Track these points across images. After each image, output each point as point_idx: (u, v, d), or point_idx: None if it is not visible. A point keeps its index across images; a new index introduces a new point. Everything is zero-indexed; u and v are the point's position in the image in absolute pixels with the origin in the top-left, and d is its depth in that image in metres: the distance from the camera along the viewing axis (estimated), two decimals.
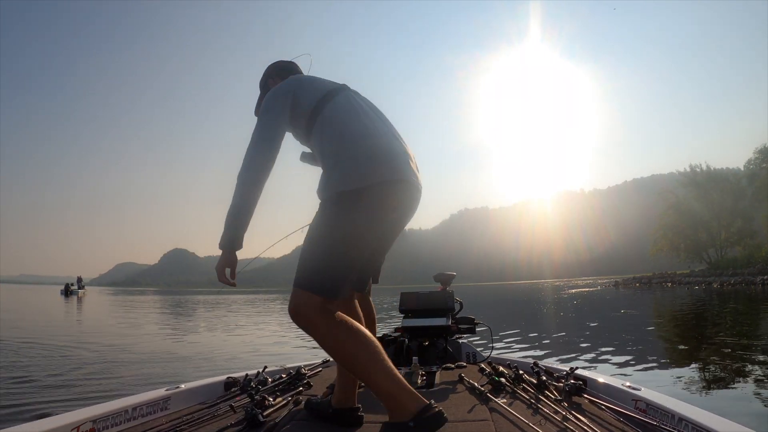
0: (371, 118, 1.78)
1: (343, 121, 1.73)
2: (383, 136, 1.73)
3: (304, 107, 1.78)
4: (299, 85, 1.85)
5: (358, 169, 1.61)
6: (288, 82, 1.87)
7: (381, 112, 1.90)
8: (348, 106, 1.80)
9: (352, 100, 1.84)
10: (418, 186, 1.75)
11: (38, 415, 3.65)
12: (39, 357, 6.71)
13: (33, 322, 14.05)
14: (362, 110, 1.80)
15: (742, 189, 45.93)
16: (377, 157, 1.65)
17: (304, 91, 1.81)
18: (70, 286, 41.94)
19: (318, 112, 1.75)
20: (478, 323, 3.60)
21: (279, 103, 1.78)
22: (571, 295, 30.29)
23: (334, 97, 1.81)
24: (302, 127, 1.81)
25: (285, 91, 1.81)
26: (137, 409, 2.00)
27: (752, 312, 13.99)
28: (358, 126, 1.72)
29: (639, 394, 2.01)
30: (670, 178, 60.29)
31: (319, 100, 1.77)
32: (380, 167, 1.63)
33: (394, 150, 1.70)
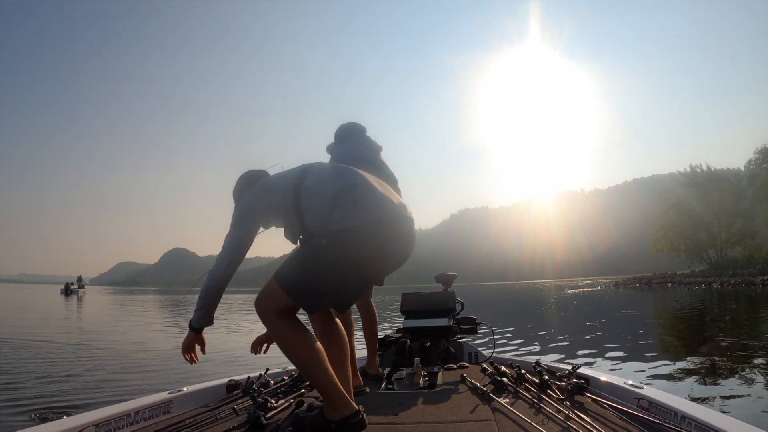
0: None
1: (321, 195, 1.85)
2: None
3: (281, 197, 1.90)
4: (269, 183, 1.99)
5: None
6: (254, 193, 1.97)
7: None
8: (325, 171, 1.98)
9: (324, 165, 2.05)
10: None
11: (40, 419, 3.65)
12: (40, 360, 6.69)
13: (33, 323, 14.06)
14: (339, 167, 2.02)
15: (742, 189, 45.88)
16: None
17: (276, 185, 1.95)
18: (70, 286, 41.99)
19: (299, 192, 1.86)
20: (480, 323, 3.60)
21: (248, 217, 1.93)
22: (571, 295, 30.28)
23: (308, 172, 1.94)
24: (286, 214, 1.90)
25: (256, 198, 1.95)
26: (140, 413, 1.99)
27: (753, 312, 13.99)
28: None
29: (642, 393, 2.01)
30: (671, 179, 60.25)
31: (295, 183, 1.90)
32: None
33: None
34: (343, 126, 3.14)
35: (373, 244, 1.78)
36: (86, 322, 15.41)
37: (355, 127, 3.13)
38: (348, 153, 2.95)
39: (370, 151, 3.01)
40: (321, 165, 2.06)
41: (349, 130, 3.10)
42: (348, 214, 1.76)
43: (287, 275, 1.79)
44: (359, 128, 3.12)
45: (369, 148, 3.04)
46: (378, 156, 3.04)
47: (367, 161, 2.91)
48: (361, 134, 3.10)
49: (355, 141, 3.04)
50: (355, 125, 3.13)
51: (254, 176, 2.15)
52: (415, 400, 2.36)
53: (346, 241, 1.74)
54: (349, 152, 2.95)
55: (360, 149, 2.98)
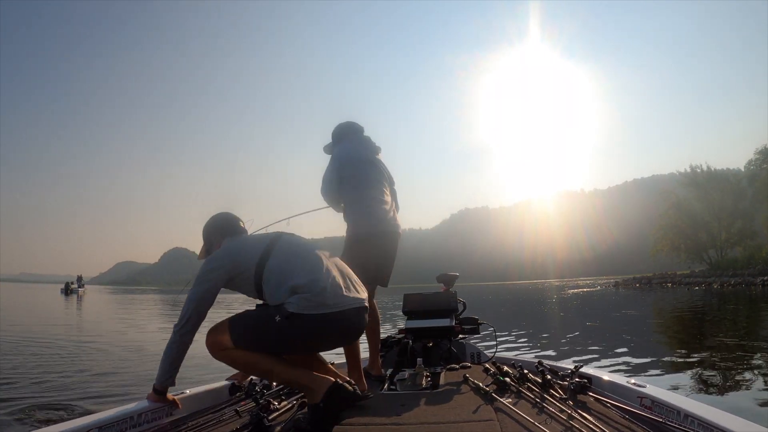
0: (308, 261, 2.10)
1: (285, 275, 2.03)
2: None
3: (245, 268, 2.06)
4: (238, 247, 2.14)
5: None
6: (222, 253, 2.13)
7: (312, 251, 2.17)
8: (290, 252, 2.11)
9: (290, 245, 2.16)
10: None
11: (43, 422, 3.64)
12: (41, 362, 6.67)
13: (34, 323, 14.06)
14: (303, 251, 2.13)
15: (742, 189, 45.85)
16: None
17: (243, 252, 2.10)
18: (70, 285, 42.01)
19: (261, 270, 2.04)
20: (482, 323, 3.61)
21: (214, 276, 2.06)
22: (571, 296, 30.30)
23: (274, 248, 2.10)
24: (247, 284, 2.09)
25: (221, 259, 2.10)
26: (143, 415, 1.99)
27: (753, 313, 13.99)
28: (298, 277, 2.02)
29: (644, 392, 2.01)
30: (671, 179, 60.19)
31: (260, 257, 2.06)
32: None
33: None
34: (340, 126, 3.12)
35: (322, 331, 2.01)
36: (87, 323, 15.42)
37: (353, 126, 3.11)
38: (347, 153, 2.95)
39: (368, 152, 3.01)
40: (287, 243, 2.16)
41: (347, 130, 3.09)
42: (303, 304, 1.94)
43: (239, 330, 2.00)
44: (357, 128, 3.11)
45: (367, 148, 3.03)
46: (376, 157, 3.04)
47: (366, 162, 2.93)
48: (359, 134, 3.09)
49: (354, 141, 3.03)
50: (352, 125, 3.12)
51: (225, 227, 2.29)
52: (418, 400, 2.37)
53: (296, 326, 1.94)
54: (348, 153, 2.95)
55: (358, 150, 2.98)
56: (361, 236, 2.78)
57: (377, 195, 2.86)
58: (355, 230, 2.80)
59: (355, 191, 2.86)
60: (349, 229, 2.82)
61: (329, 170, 2.94)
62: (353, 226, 2.82)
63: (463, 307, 3.66)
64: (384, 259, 2.85)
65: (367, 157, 2.97)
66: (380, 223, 2.80)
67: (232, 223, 2.34)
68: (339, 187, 2.89)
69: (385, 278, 2.91)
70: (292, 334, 1.97)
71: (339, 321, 2.02)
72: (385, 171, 3.04)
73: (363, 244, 2.77)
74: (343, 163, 2.91)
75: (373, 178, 2.91)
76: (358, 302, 2.08)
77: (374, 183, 2.90)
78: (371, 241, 2.78)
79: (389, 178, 3.06)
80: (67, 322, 15.11)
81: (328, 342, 2.12)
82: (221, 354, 2.01)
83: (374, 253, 2.78)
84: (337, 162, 2.92)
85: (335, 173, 2.89)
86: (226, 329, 2.00)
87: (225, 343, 1.99)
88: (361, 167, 2.91)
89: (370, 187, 2.87)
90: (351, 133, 3.08)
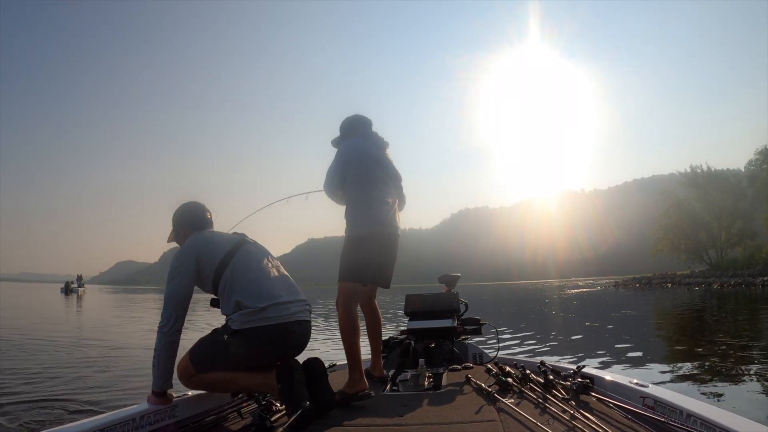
0: (263, 271, 2.26)
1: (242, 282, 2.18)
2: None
3: (206, 271, 2.20)
4: (203, 248, 2.25)
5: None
6: (189, 247, 2.26)
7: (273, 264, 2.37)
8: (244, 264, 2.23)
9: (247, 255, 2.27)
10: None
11: (45, 424, 3.63)
12: (41, 363, 6.66)
13: (34, 323, 14.06)
14: (256, 264, 2.26)
15: (742, 190, 45.80)
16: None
17: (206, 255, 2.22)
18: (70, 285, 42.00)
19: (220, 275, 2.18)
20: (484, 324, 3.61)
21: (185, 268, 2.18)
22: (572, 296, 30.31)
23: (232, 258, 2.22)
24: (206, 285, 2.25)
25: (189, 254, 2.22)
26: (145, 417, 1.99)
27: (753, 313, 14.00)
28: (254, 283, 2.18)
29: (647, 391, 2.02)
30: (671, 179, 60.14)
31: (219, 263, 2.20)
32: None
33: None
34: (348, 119, 3.05)
35: (265, 343, 2.11)
36: (87, 323, 15.42)
37: (361, 120, 3.04)
38: (355, 148, 2.89)
39: (376, 149, 2.96)
40: (244, 254, 2.28)
41: (355, 124, 3.02)
42: (243, 320, 2.08)
43: (198, 357, 2.18)
44: (365, 122, 3.05)
45: (375, 144, 2.98)
46: (383, 153, 2.99)
47: (372, 159, 2.87)
48: (367, 129, 3.02)
49: (362, 136, 2.96)
50: (360, 118, 3.05)
51: (192, 220, 2.43)
52: (420, 401, 2.38)
53: (241, 341, 2.09)
54: (356, 148, 2.89)
55: (367, 146, 2.92)
56: (362, 237, 2.73)
57: (379, 195, 2.80)
58: (355, 230, 2.75)
59: (358, 190, 2.80)
60: (349, 229, 2.77)
61: (333, 166, 2.89)
62: (354, 226, 2.76)
63: (465, 307, 3.66)
64: (384, 259, 2.82)
65: (374, 154, 2.90)
66: (380, 225, 2.76)
67: (200, 216, 2.47)
68: (342, 185, 2.84)
69: (385, 279, 2.89)
70: (240, 350, 2.10)
71: (280, 332, 2.13)
72: (391, 168, 2.98)
73: (363, 244, 2.72)
74: (348, 160, 2.84)
75: (377, 176, 2.85)
76: (300, 315, 2.22)
77: (378, 182, 2.83)
78: (372, 241, 2.73)
79: (394, 176, 2.99)
80: (66, 322, 15.12)
81: (274, 352, 2.17)
82: (190, 382, 2.21)
83: (374, 254, 2.75)
84: (342, 158, 2.86)
85: (339, 170, 2.84)
86: (188, 359, 2.18)
87: (190, 371, 2.18)
88: (365, 165, 2.83)
89: (373, 187, 2.80)
90: (359, 127, 3.01)
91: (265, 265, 2.29)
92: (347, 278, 2.69)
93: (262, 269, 2.26)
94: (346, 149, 2.88)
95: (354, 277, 2.70)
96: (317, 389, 2.11)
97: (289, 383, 2.01)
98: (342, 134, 3.04)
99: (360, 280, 2.71)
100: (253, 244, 2.40)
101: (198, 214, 2.47)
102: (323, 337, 9.68)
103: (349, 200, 2.83)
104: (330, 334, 10.05)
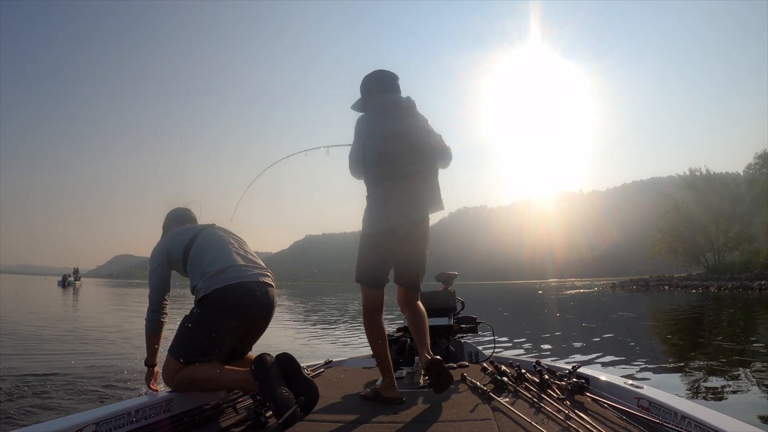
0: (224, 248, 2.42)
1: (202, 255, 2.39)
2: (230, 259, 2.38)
3: (176, 258, 2.44)
4: (170, 241, 2.49)
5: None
6: (159, 244, 2.50)
7: (238, 239, 2.56)
8: (206, 242, 2.44)
9: (210, 235, 2.49)
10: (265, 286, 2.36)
11: (40, 418, 3.63)
12: (38, 356, 6.66)
13: (32, 316, 14.04)
14: (217, 240, 2.47)
15: (741, 194, 45.83)
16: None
17: (174, 244, 2.46)
18: (67, 278, 41.91)
19: (186, 258, 2.40)
20: (480, 323, 3.62)
21: (157, 265, 2.45)
22: (569, 296, 30.35)
23: (195, 240, 2.44)
24: (180, 270, 2.49)
25: (160, 252, 2.46)
26: (140, 411, 1.98)
27: (749, 317, 14.03)
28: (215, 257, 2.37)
29: (642, 393, 2.01)
30: (670, 181, 60.25)
31: (184, 248, 2.42)
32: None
33: (236, 261, 2.37)
34: (366, 79, 2.62)
35: (230, 303, 2.23)
36: (85, 316, 15.39)
37: (381, 81, 2.58)
38: (367, 128, 2.47)
39: (395, 122, 2.47)
40: (207, 234, 2.50)
41: (372, 86, 2.59)
42: (207, 284, 2.25)
43: (177, 346, 2.23)
44: (386, 83, 2.58)
45: (394, 116, 2.49)
46: (408, 124, 2.49)
47: (391, 140, 2.43)
48: (387, 95, 2.55)
49: (378, 108, 2.51)
50: (381, 78, 2.59)
51: (172, 218, 2.75)
52: (416, 399, 2.38)
53: (208, 307, 2.24)
54: (369, 126, 2.47)
55: (383, 122, 2.47)
56: (369, 235, 2.44)
57: (393, 187, 2.40)
58: (364, 227, 2.46)
59: (368, 182, 2.47)
60: (362, 226, 2.48)
61: (353, 147, 2.52)
62: (364, 222, 2.46)
63: (461, 306, 3.67)
64: (404, 258, 2.51)
65: (394, 131, 2.45)
66: (388, 220, 2.39)
67: (180, 215, 2.78)
68: (365, 169, 2.46)
69: (409, 281, 2.57)
70: (210, 317, 2.23)
71: (242, 291, 2.26)
72: (414, 138, 2.46)
73: (371, 244, 2.45)
74: (364, 141, 2.45)
75: (398, 159, 2.41)
76: (260, 277, 2.36)
77: (392, 168, 2.41)
78: (380, 240, 2.42)
79: (423, 150, 2.47)
80: (64, 315, 15.09)
81: (241, 313, 2.27)
82: (176, 382, 2.20)
83: (386, 254, 2.45)
84: (360, 137, 2.48)
85: (359, 152, 2.47)
86: (169, 356, 2.23)
87: (174, 366, 2.20)
88: (376, 151, 2.42)
89: (384, 176, 2.41)
90: (378, 91, 2.57)
91: (227, 241, 2.48)
92: (361, 282, 2.48)
93: (224, 243, 2.45)
94: (361, 127, 2.50)
95: (366, 280, 2.45)
96: (295, 382, 2.10)
97: (267, 380, 2.01)
98: (363, 96, 2.66)
99: (374, 284, 2.44)
100: (220, 228, 2.61)
101: (178, 213, 2.79)
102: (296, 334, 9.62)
103: (367, 190, 2.50)
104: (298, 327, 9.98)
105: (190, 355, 2.19)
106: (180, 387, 2.20)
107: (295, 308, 19.92)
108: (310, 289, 46.86)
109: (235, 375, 2.16)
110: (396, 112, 2.50)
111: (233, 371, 2.18)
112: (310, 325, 12.67)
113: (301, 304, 23.90)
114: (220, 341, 2.26)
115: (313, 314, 16.90)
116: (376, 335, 2.43)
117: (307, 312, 18.08)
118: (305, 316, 16.30)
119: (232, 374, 2.17)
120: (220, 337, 2.25)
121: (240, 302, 2.26)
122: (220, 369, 2.20)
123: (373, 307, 2.45)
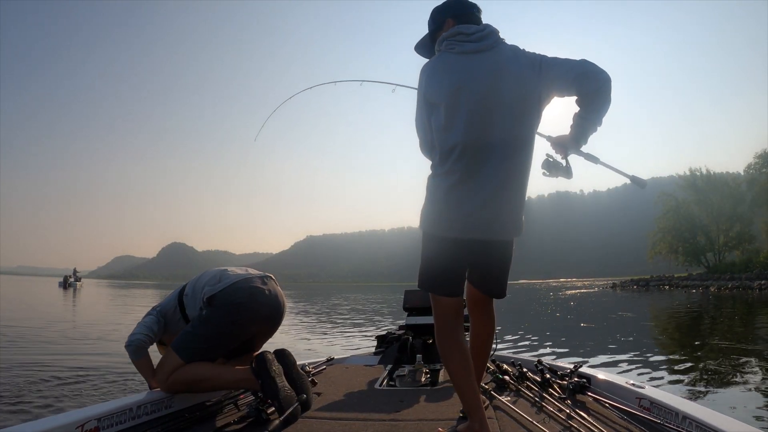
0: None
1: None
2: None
3: (171, 306, 2.41)
4: (163, 303, 2.45)
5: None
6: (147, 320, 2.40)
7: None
8: (194, 280, 2.41)
9: (195, 279, 2.45)
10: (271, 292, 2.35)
11: (42, 413, 3.64)
12: (40, 354, 6.68)
13: (33, 316, 14.04)
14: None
15: (741, 193, 45.87)
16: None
17: (167, 303, 2.42)
18: (68, 279, 41.95)
19: (181, 298, 2.39)
20: None
21: (148, 331, 2.35)
22: (569, 296, 30.37)
23: (185, 290, 2.41)
24: (178, 315, 2.42)
25: (149, 324, 2.37)
26: (141, 407, 2.00)
27: (750, 317, 14.03)
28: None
29: (643, 393, 2.02)
30: (670, 181, 60.24)
31: (176, 302, 2.41)
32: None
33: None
34: (438, 7, 1.84)
35: (237, 300, 2.19)
36: (86, 316, 15.41)
37: (463, 12, 1.79)
38: (438, 83, 1.71)
39: (483, 73, 1.67)
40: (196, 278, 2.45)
41: (446, 16, 1.80)
42: (213, 284, 2.24)
43: (181, 345, 2.16)
44: (463, 11, 1.80)
45: (482, 66, 1.69)
46: (497, 71, 1.68)
47: (478, 101, 1.65)
48: (464, 30, 1.73)
49: (450, 56, 1.73)
50: (463, 5, 1.81)
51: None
52: (417, 397, 2.38)
53: (216, 306, 2.19)
54: (441, 81, 1.70)
55: (460, 75, 1.68)
56: (435, 238, 1.77)
57: (476, 177, 1.68)
58: (426, 226, 1.79)
59: (434, 162, 1.77)
60: (421, 221, 1.82)
61: (418, 113, 1.81)
62: (424, 219, 1.79)
63: None
64: (484, 261, 1.82)
65: (484, 87, 1.66)
66: (465, 228, 1.71)
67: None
68: (435, 137, 1.75)
69: (492, 287, 1.91)
70: (218, 316, 2.18)
71: (249, 291, 2.24)
72: (509, 93, 1.67)
73: (440, 247, 1.77)
74: (432, 103, 1.73)
75: (488, 131, 1.66)
76: (265, 277, 2.38)
77: (474, 140, 1.66)
78: (454, 246, 1.74)
79: (515, 103, 1.68)
80: (65, 315, 15.10)
81: (249, 312, 2.23)
82: (174, 382, 2.12)
83: (459, 260, 1.77)
84: (424, 97, 1.76)
85: (425, 118, 1.77)
86: (170, 350, 2.16)
87: (174, 364, 2.11)
88: (450, 115, 1.67)
89: (463, 153, 1.67)
90: (456, 30, 1.73)
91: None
92: (425, 289, 1.82)
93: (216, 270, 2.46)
94: (423, 80, 1.77)
95: (432, 288, 1.80)
96: (290, 379, 2.13)
97: (269, 378, 2.02)
98: (430, 36, 1.87)
99: (444, 292, 1.77)
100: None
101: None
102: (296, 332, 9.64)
103: (432, 169, 1.80)
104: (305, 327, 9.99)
105: (193, 353, 2.16)
106: (174, 388, 2.12)
107: (295, 308, 19.93)
108: (315, 289, 46.60)
109: (236, 374, 2.15)
110: (486, 59, 1.71)
111: (234, 370, 2.17)
112: (310, 325, 12.68)
113: (301, 303, 23.92)
114: (227, 340, 2.24)
115: (313, 314, 16.91)
116: (455, 354, 1.72)
117: (308, 312, 18.09)
118: (306, 316, 16.31)
119: (233, 373, 2.15)
120: (226, 336, 2.22)
121: (249, 300, 2.23)
122: (221, 368, 2.19)
123: (453, 319, 1.78)
